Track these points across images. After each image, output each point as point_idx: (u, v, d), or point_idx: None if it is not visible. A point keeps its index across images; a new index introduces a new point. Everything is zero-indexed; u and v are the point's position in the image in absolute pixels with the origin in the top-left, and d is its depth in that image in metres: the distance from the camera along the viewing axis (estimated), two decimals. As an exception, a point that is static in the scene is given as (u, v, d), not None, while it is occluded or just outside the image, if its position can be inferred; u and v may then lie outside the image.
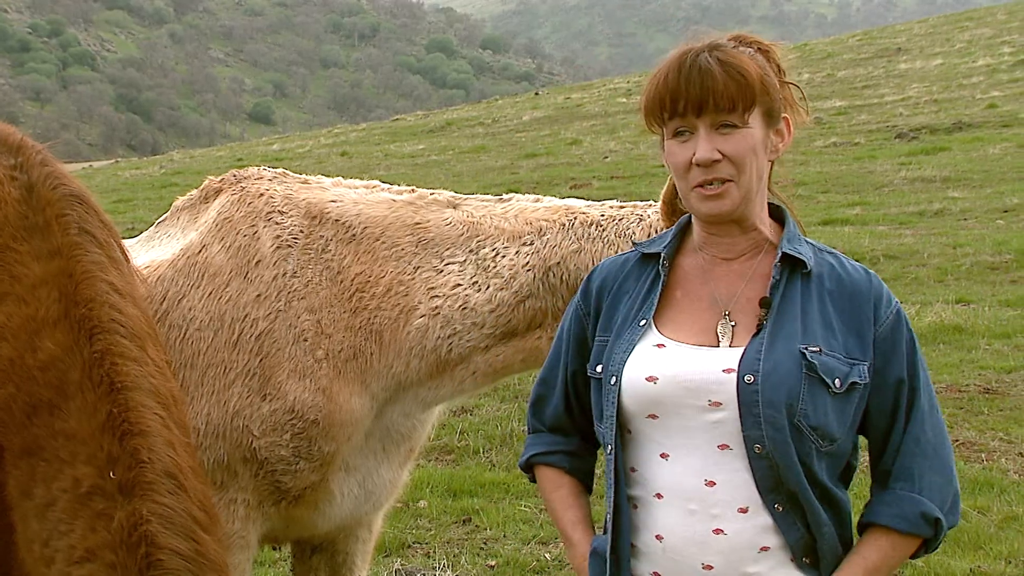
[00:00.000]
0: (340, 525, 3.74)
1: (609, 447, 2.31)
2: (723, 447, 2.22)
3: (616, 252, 3.31)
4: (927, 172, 17.76)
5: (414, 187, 3.74)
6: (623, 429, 2.32)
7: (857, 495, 3.28)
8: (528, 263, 3.43)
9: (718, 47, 2.27)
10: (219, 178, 3.90)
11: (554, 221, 3.47)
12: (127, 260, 2.87)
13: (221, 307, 3.47)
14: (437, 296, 3.43)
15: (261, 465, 3.38)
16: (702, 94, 2.22)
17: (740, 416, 2.18)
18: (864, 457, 2.36)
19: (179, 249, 3.71)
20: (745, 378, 2.18)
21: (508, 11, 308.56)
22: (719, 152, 2.22)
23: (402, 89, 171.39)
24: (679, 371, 2.24)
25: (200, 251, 3.61)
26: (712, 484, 2.22)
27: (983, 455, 6.51)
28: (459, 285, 3.43)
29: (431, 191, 3.68)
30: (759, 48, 2.34)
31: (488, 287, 3.42)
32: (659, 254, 2.39)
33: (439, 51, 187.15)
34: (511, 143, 27.70)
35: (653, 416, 2.27)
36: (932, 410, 2.29)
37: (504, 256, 3.45)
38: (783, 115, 2.32)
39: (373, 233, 3.54)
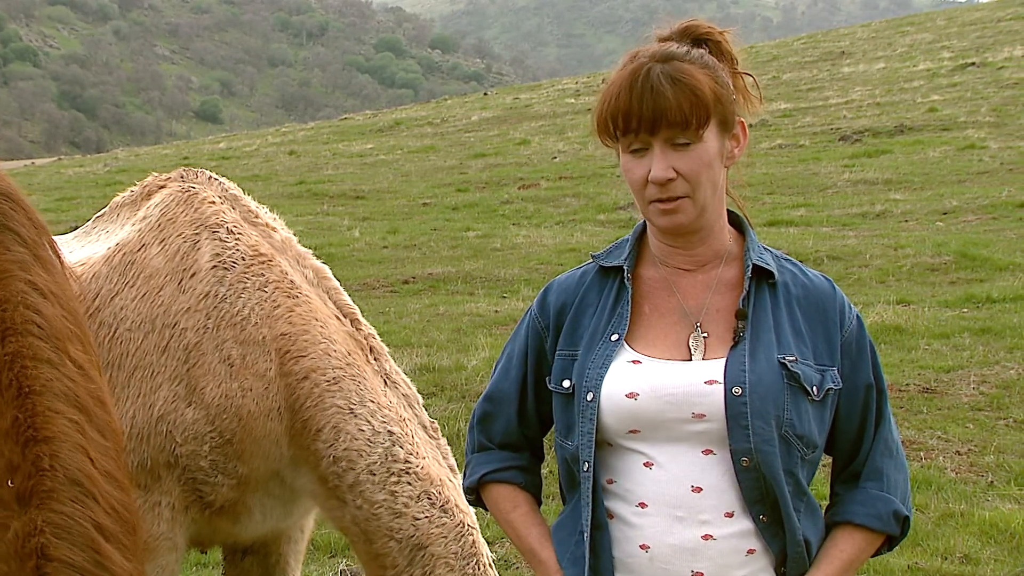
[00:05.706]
0: (264, 534, 3.71)
1: (586, 464, 2.26)
2: (707, 452, 2.21)
3: None
4: (870, 174, 18.04)
5: (356, 316, 3.57)
6: (600, 443, 2.27)
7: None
8: (418, 519, 3.31)
9: (669, 59, 2.23)
10: (165, 175, 3.78)
11: (469, 515, 3.31)
12: (59, 258, 2.76)
13: (153, 311, 3.39)
14: (339, 446, 3.32)
15: (183, 471, 3.34)
16: (655, 114, 2.18)
17: (728, 429, 2.18)
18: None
19: (114, 245, 3.62)
20: (733, 390, 2.17)
21: (457, 11, 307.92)
22: (674, 170, 2.20)
23: (351, 88, 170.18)
24: (659, 385, 2.21)
25: (139, 249, 3.52)
26: (699, 490, 2.20)
27: (922, 453, 6.62)
28: (362, 454, 3.32)
29: (370, 343, 3.52)
30: (709, 41, 2.31)
31: (380, 491, 3.31)
32: (620, 267, 2.35)
33: (388, 50, 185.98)
34: (460, 143, 27.68)
35: (634, 431, 2.24)
36: (890, 411, 2.36)
37: (409, 486, 3.32)
38: (738, 119, 2.29)
39: (313, 315, 3.41)
